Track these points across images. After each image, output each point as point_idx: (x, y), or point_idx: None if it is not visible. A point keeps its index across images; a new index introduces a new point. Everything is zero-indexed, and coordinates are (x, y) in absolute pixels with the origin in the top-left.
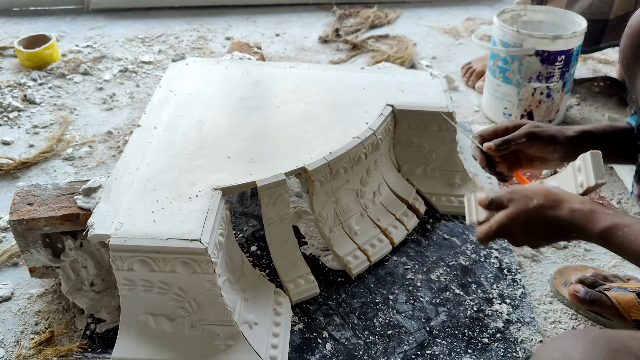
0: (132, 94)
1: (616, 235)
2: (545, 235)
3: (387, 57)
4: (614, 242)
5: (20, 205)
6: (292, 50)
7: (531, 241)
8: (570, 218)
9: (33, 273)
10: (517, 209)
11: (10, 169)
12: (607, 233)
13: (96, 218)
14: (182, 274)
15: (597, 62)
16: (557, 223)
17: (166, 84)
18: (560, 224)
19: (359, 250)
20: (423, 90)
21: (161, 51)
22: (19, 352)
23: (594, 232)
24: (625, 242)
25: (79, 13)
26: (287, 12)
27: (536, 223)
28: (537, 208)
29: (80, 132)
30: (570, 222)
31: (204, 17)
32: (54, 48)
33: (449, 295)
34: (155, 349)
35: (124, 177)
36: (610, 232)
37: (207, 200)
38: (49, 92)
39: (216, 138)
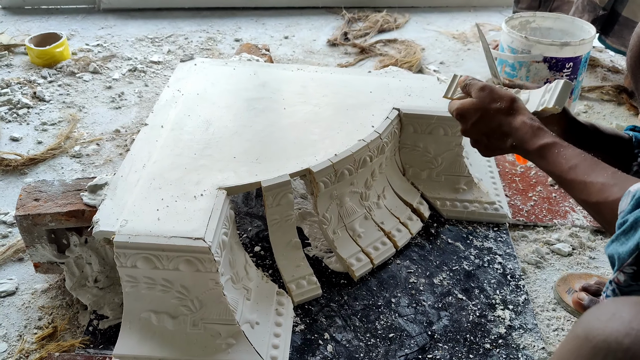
0: (140, 93)
1: (552, 153)
2: (490, 134)
3: (395, 62)
4: (549, 159)
5: (26, 200)
6: (301, 53)
7: (476, 134)
8: (518, 128)
9: (38, 268)
10: (480, 103)
11: (18, 165)
12: (545, 149)
13: (101, 215)
14: (185, 272)
15: (606, 69)
16: (506, 128)
17: (174, 84)
18: (508, 130)
19: (362, 252)
20: (430, 94)
21: (170, 51)
22: (22, 346)
23: (534, 146)
24: (558, 161)
25: (90, 12)
26: (296, 15)
27: (488, 121)
28: (497, 110)
29: (88, 130)
30: (516, 131)
31: (213, 18)
32: (64, 46)
33: (452, 300)
34: (156, 346)
35: (130, 175)
36: (548, 148)
37: (211, 200)
38: (59, 89)
39: (222, 138)
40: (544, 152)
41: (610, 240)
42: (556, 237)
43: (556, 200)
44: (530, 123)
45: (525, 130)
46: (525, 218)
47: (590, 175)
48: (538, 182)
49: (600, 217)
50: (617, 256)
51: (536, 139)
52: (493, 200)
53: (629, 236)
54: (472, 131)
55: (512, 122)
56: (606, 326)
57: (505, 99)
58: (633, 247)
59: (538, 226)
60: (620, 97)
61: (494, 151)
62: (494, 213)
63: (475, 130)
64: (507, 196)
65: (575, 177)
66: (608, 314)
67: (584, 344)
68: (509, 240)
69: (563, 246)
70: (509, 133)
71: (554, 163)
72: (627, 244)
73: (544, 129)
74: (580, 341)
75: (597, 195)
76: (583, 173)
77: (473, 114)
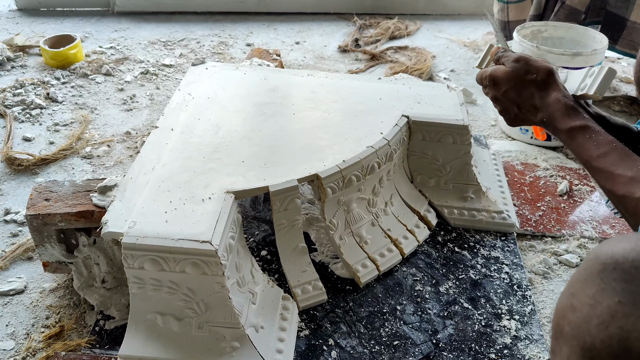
0: (152, 96)
1: (583, 137)
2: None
3: (405, 69)
4: (578, 141)
5: (37, 200)
6: (311, 58)
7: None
8: (551, 104)
9: (46, 268)
10: (514, 72)
11: (29, 165)
12: (576, 131)
13: (110, 216)
14: (191, 274)
15: (618, 80)
16: (538, 102)
17: (185, 87)
18: (540, 105)
19: (368, 259)
20: (439, 102)
21: (182, 55)
22: (29, 344)
23: (565, 126)
24: (587, 145)
25: (104, 15)
26: (307, 20)
27: (521, 91)
28: (531, 81)
29: (100, 132)
30: (548, 107)
31: (226, 23)
32: (78, 48)
33: (457, 309)
34: (162, 347)
35: (140, 177)
36: (579, 131)
37: (219, 203)
38: (71, 91)
39: (231, 142)
40: (574, 134)
41: None
42: (564, 247)
43: (565, 210)
44: (565, 101)
45: (559, 107)
46: (533, 228)
47: (619, 167)
48: (547, 192)
49: (624, 209)
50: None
51: (568, 120)
52: (501, 209)
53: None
54: (503, 99)
55: (546, 96)
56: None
57: (542, 72)
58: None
59: (546, 236)
60: (632, 108)
61: (522, 122)
62: (502, 222)
63: (506, 98)
64: (516, 205)
65: (604, 165)
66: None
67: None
68: (516, 250)
69: (571, 257)
70: (541, 107)
71: (583, 147)
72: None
73: (577, 110)
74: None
75: (623, 188)
76: (612, 163)
77: (506, 82)
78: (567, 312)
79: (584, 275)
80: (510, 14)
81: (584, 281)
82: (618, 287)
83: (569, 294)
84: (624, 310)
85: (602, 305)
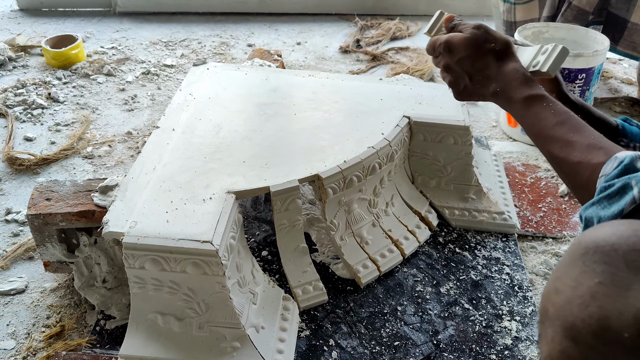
0: (153, 96)
1: (539, 105)
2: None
3: (406, 70)
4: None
5: (38, 200)
6: (313, 59)
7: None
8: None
9: (47, 267)
10: (473, 39)
11: (31, 165)
12: (532, 100)
13: (111, 216)
14: (192, 274)
15: (620, 81)
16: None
17: (186, 88)
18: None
19: (369, 259)
20: (440, 103)
21: (184, 55)
22: (30, 344)
23: (521, 95)
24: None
25: (106, 15)
26: (309, 21)
27: (476, 59)
28: (489, 50)
29: (101, 132)
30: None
31: (227, 23)
32: (79, 48)
33: (458, 310)
34: (162, 347)
35: (141, 177)
36: (536, 100)
37: (220, 203)
38: (73, 91)
39: (232, 142)
40: (530, 103)
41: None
42: (565, 248)
43: (566, 211)
44: (522, 71)
45: (516, 77)
46: (534, 229)
47: (577, 135)
48: (548, 193)
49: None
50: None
51: (525, 88)
52: (502, 210)
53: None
54: (455, 68)
55: (503, 65)
56: (597, 231)
57: (501, 41)
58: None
59: (547, 237)
60: (633, 109)
61: (470, 95)
62: (503, 223)
63: (459, 67)
64: (517, 206)
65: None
66: (601, 225)
67: (577, 248)
68: (517, 251)
69: None
70: (496, 77)
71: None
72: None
73: (534, 81)
74: (574, 247)
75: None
76: (569, 131)
77: (463, 50)
78: (552, 295)
79: (567, 260)
80: (517, 15)
81: (568, 265)
82: (598, 268)
83: (554, 278)
84: (604, 291)
85: (583, 287)
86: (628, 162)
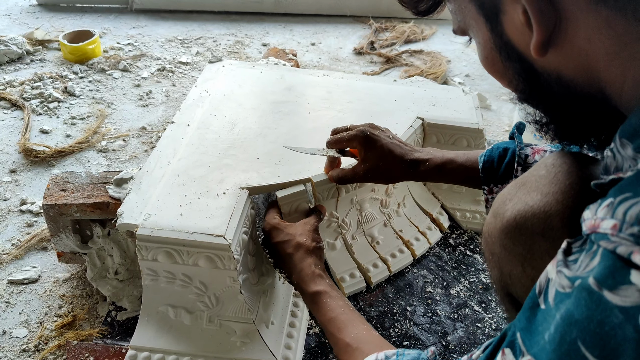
0: (167, 92)
1: (320, 301)
2: (284, 267)
3: (420, 72)
4: (318, 305)
5: (54, 190)
6: (327, 60)
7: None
8: (303, 268)
9: (61, 258)
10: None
11: (46, 157)
12: (316, 296)
13: (126, 208)
14: (204, 268)
15: None
16: (290, 266)
17: (202, 84)
18: (292, 268)
19: (379, 259)
20: (454, 105)
21: (199, 53)
22: (42, 333)
23: (309, 289)
24: (323, 310)
25: (123, 12)
26: (323, 22)
27: (276, 252)
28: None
29: (116, 126)
30: (300, 273)
31: (242, 22)
32: (96, 44)
33: (468, 312)
34: (172, 340)
35: (155, 171)
36: (318, 295)
37: (233, 198)
38: (89, 85)
39: (247, 139)
40: (316, 298)
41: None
42: None
43: None
44: (312, 270)
45: (308, 272)
46: None
47: (342, 332)
48: None
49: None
50: None
51: (313, 284)
52: None
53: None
54: (272, 250)
55: (300, 262)
56: None
57: (306, 233)
58: None
59: None
60: None
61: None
62: None
63: (275, 250)
64: None
65: (332, 330)
66: None
67: None
68: None
69: None
70: (293, 271)
71: (320, 311)
72: None
73: (322, 276)
74: None
75: (342, 354)
76: (337, 327)
77: (278, 234)
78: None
79: None
80: None
81: None
82: (490, 212)
83: None
84: (488, 220)
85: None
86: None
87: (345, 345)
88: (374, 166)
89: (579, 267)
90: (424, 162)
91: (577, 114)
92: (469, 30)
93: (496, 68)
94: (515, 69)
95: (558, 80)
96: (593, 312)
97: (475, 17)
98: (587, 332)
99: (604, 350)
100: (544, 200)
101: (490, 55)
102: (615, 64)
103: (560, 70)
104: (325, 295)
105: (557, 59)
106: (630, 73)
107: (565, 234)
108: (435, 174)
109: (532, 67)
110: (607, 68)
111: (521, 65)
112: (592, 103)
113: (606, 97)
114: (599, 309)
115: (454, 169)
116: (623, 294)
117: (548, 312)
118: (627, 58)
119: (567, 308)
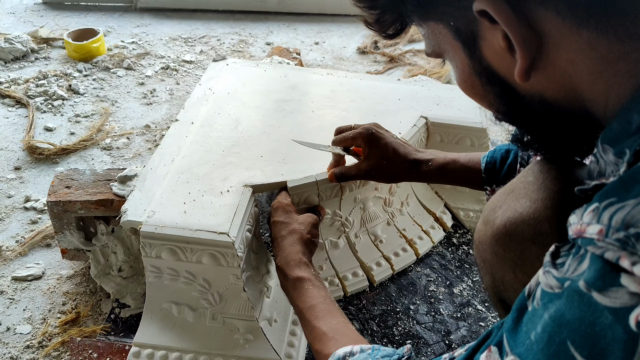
0: (171, 90)
1: (302, 287)
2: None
3: (424, 72)
4: (299, 291)
5: (58, 187)
6: (330, 59)
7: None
8: (289, 253)
9: (64, 255)
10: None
11: (50, 154)
12: (298, 281)
13: (130, 205)
14: (208, 265)
15: None
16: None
17: (206, 82)
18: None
19: (382, 258)
20: (458, 104)
21: (202, 52)
22: (45, 329)
23: (294, 275)
24: (303, 297)
25: (127, 11)
26: (327, 21)
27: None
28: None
29: (120, 124)
30: (287, 256)
31: (246, 22)
32: (100, 42)
33: (471, 311)
34: (176, 337)
35: (159, 168)
36: (301, 281)
37: (237, 196)
38: (93, 83)
39: (250, 137)
40: (297, 284)
41: None
42: None
43: None
44: (300, 257)
45: (292, 258)
46: None
47: (320, 320)
48: None
49: None
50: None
51: (297, 270)
52: None
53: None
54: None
55: (289, 246)
56: None
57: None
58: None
59: None
60: None
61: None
62: None
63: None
64: None
65: (309, 318)
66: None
67: None
68: None
69: None
70: (279, 253)
71: (300, 297)
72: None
73: (308, 265)
74: None
75: (315, 342)
76: (315, 315)
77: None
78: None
79: None
80: None
81: None
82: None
83: None
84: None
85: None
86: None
87: (322, 333)
88: (377, 164)
89: (567, 270)
90: (427, 162)
91: (560, 131)
92: (444, 54)
93: (476, 91)
94: (496, 92)
95: (541, 101)
96: (585, 314)
97: (452, 43)
98: (578, 333)
99: (593, 350)
100: (533, 206)
101: (470, 80)
102: (599, 82)
103: (543, 92)
104: (308, 282)
105: (540, 82)
106: (614, 90)
107: (555, 239)
108: (437, 174)
109: (514, 90)
110: (591, 87)
111: (502, 88)
112: (575, 120)
113: (590, 113)
114: (590, 310)
115: (456, 169)
116: (613, 296)
117: (534, 313)
118: (611, 75)
119: (558, 308)
